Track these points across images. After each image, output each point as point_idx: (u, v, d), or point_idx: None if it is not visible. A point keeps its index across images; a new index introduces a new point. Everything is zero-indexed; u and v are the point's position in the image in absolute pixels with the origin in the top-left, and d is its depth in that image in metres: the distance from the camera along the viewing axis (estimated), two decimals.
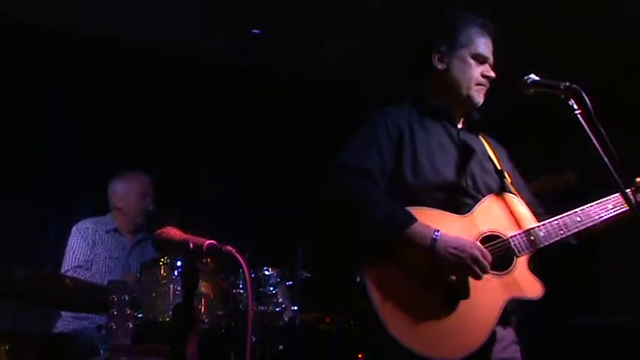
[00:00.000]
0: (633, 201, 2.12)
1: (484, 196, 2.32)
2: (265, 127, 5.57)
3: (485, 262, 2.14)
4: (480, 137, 2.52)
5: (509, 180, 2.42)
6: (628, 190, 2.13)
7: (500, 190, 2.37)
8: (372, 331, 2.18)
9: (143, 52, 5.28)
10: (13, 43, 4.79)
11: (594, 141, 2.01)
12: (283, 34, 5.07)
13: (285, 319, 3.67)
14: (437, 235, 2.14)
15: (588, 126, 2.02)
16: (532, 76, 2.27)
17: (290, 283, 3.79)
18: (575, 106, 2.05)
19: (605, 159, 1.99)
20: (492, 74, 2.43)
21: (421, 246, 2.15)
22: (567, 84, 2.08)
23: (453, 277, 2.16)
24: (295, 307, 3.75)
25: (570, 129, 2.03)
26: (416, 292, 2.17)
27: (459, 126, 2.46)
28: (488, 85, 2.43)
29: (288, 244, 4.02)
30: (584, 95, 2.03)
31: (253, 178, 5.30)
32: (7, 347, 3.28)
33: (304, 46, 5.24)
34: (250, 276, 3.56)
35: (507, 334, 2.27)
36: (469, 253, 2.12)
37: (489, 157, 2.45)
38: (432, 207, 2.25)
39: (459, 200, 2.29)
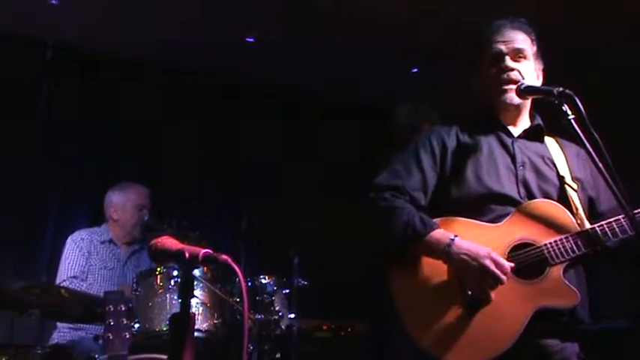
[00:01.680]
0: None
1: None
2: (265, 130, 5.57)
3: (497, 271, 2.10)
4: (547, 142, 2.43)
5: (575, 186, 2.32)
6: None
7: (560, 197, 2.29)
8: (395, 335, 2.22)
9: (142, 58, 5.30)
10: (16, 53, 4.84)
11: (588, 147, 1.99)
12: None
13: (282, 327, 3.67)
14: (452, 241, 2.16)
15: (582, 131, 2.01)
16: (525, 82, 2.28)
17: (287, 291, 3.78)
18: (569, 112, 2.02)
19: (600, 165, 1.98)
20: (508, 64, 2.32)
21: (437, 252, 2.18)
22: (560, 89, 2.06)
23: (470, 289, 2.15)
24: (292, 315, 3.75)
25: None
26: (439, 299, 2.19)
27: (517, 134, 2.40)
28: (514, 77, 2.31)
29: (285, 252, 4.01)
30: (578, 100, 2.01)
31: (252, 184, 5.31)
32: (4, 359, 3.27)
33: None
34: (246, 284, 3.56)
35: (566, 347, 2.22)
36: (480, 262, 2.10)
37: (552, 163, 2.37)
38: (473, 217, 2.25)
39: (504, 210, 2.25)
